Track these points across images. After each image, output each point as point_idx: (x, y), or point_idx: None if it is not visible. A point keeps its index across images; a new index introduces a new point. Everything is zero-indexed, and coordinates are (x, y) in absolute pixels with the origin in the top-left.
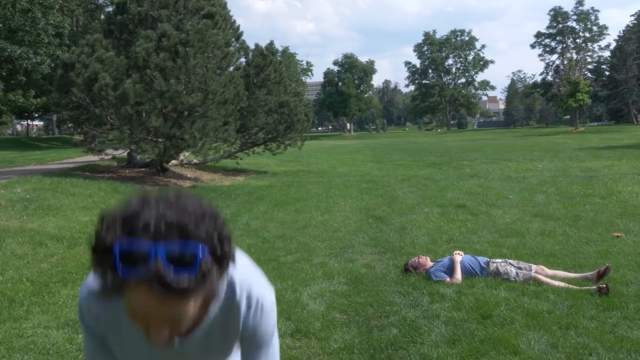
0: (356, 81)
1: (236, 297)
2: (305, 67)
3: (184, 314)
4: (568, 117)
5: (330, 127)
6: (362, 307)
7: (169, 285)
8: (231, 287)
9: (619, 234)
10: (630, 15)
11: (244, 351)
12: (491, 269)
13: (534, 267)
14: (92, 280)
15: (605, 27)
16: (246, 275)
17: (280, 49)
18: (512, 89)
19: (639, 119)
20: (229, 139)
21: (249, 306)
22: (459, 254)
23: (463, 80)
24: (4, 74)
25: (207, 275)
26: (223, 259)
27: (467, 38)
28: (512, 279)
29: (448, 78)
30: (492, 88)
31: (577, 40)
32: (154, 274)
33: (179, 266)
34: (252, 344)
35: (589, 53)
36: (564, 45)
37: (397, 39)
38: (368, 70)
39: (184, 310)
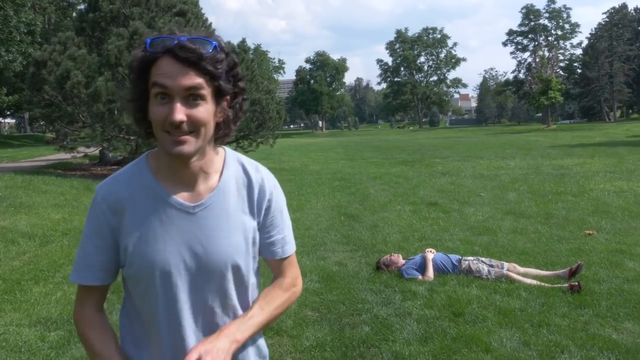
0: (328, 79)
1: (247, 171)
2: (277, 64)
3: (201, 111)
4: (540, 114)
5: (302, 125)
6: (334, 305)
7: (189, 48)
8: (241, 164)
9: (591, 232)
10: (603, 13)
11: (264, 225)
12: (463, 266)
13: (505, 264)
14: (110, 177)
15: (577, 25)
16: (253, 160)
17: (252, 46)
18: (484, 87)
19: (611, 116)
20: None
21: (260, 178)
22: (431, 251)
23: (435, 78)
24: None
25: (219, 64)
26: (234, 67)
27: (439, 36)
28: (484, 276)
29: (420, 76)
30: (464, 86)
31: (549, 38)
32: (177, 44)
33: (196, 43)
34: (273, 217)
35: (561, 51)
36: (536, 43)
37: (369, 36)
38: (340, 68)
39: (200, 89)
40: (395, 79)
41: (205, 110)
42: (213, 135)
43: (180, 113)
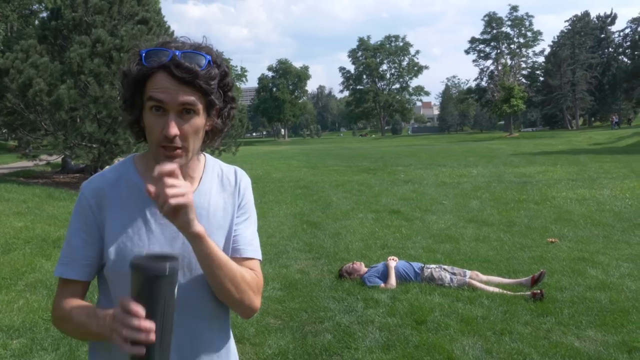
0: (290, 87)
1: (226, 173)
2: (239, 72)
3: (193, 124)
4: (502, 122)
5: (264, 133)
6: (296, 313)
7: (183, 66)
8: (220, 167)
9: (553, 240)
10: (565, 21)
11: (237, 223)
12: (425, 274)
13: (468, 272)
14: (97, 174)
15: (540, 33)
16: (230, 165)
17: None
18: (446, 95)
19: (573, 124)
20: None
21: (237, 179)
22: (393, 259)
23: (397, 85)
24: None
25: (211, 80)
26: (225, 78)
27: (401, 44)
28: (447, 284)
29: (382, 84)
30: (427, 94)
31: (512, 46)
32: (171, 60)
33: (191, 60)
34: (243, 213)
35: (524, 59)
36: (498, 51)
37: (331, 44)
38: (302, 75)
39: (194, 105)
40: (358, 87)
41: (197, 124)
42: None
43: (174, 128)
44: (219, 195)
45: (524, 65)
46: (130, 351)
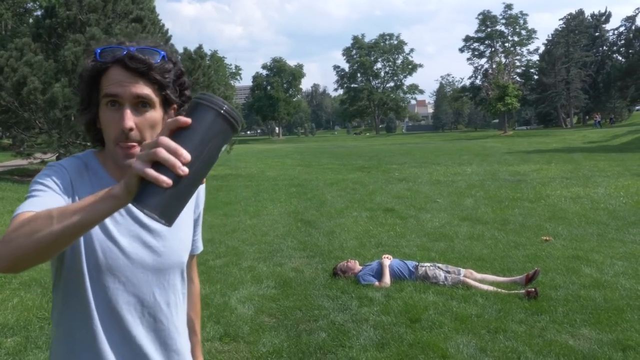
0: (285, 85)
1: None
2: (234, 71)
3: (149, 117)
4: (497, 120)
5: (259, 131)
6: (290, 311)
7: (138, 59)
8: None
9: (547, 238)
10: (559, 19)
11: (195, 222)
12: (420, 272)
13: (462, 271)
14: (67, 157)
15: (534, 31)
16: None
17: (209, 52)
18: (440, 93)
19: (568, 122)
20: None
21: None
22: (387, 257)
23: (392, 84)
24: None
25: (167, 74)
26: (181, 77)
27: (395, 42)
28: (441, 282)
29: (377, 82)
30: (421, 92)
31: (506, 44)
32: (126, 54)
33: (145, 54)
34: (198, 220)
35: (518, 57)
36: (493, 49)
37: (325, 42)
38: (297, 74)
39: (149, 98)
40: (352, 85)
41: (154, 117)
42: None
43: (130, 120)
44: None
45: (518, 63)
46: (156, 179)
